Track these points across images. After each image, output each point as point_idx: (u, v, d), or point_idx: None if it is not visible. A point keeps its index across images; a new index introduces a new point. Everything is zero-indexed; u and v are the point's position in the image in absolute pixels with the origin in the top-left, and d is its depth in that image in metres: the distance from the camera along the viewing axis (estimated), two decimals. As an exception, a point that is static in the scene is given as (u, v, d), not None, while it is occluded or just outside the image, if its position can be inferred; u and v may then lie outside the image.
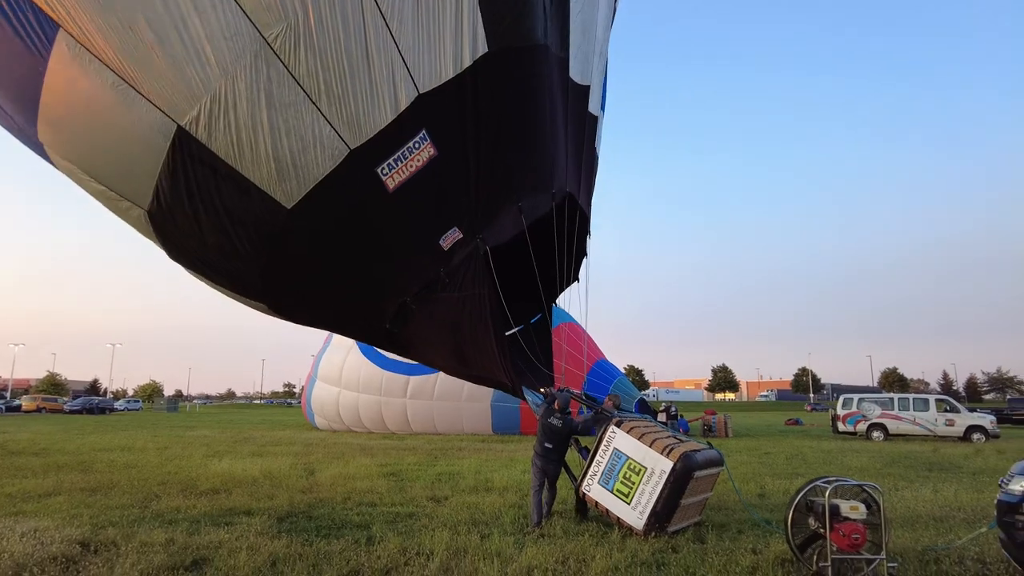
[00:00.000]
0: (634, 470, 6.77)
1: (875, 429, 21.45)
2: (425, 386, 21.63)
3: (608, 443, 7.02)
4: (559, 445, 7.50)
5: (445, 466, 12.87)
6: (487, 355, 7.32)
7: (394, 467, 12.65)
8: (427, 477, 11.18)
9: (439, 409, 21.67)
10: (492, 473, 11.60)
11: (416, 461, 13.80)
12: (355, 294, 7.07)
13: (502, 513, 7.90)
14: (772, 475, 11.60)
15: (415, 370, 21.67)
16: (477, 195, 6.76)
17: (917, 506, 8.48)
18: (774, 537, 6.55)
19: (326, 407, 24.25)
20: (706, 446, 7.26)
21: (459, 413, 21.65)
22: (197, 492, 9.37)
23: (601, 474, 6.98)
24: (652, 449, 6.74)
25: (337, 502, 8.70)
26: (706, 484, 7.20)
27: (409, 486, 10.09)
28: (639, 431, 6.98)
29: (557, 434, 7.50)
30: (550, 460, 7.47)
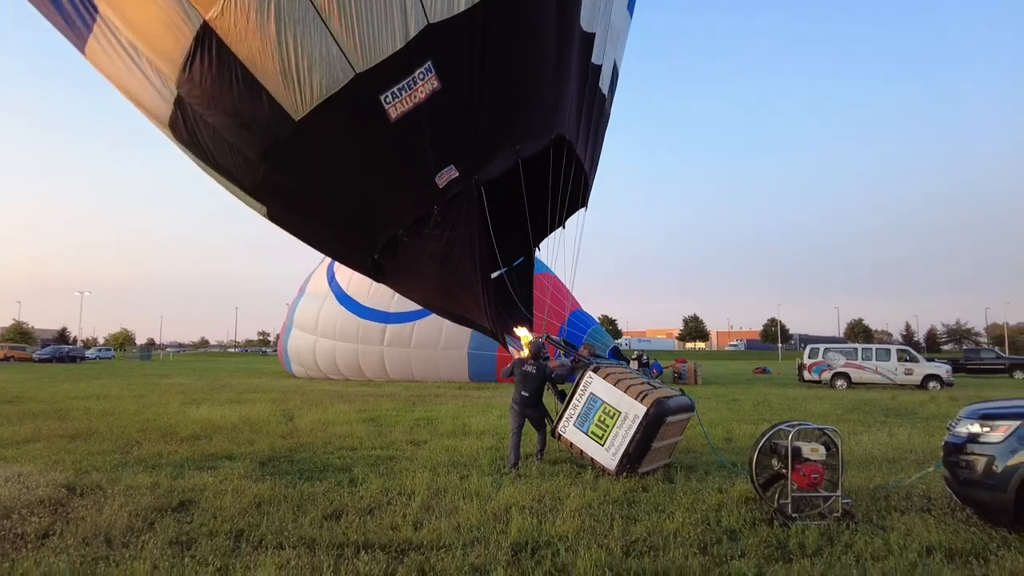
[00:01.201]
0: (609, 414, 7.04)
1: (839, 378, 22.25)
2: (402, 334, 21.81)
3: (584, 388, 7.26)
4: (535, 391, 7.75)
5: (423, 412, 13.10)
6: (471, 295, 7.48)
7: (373, 413, 12.86)
8: (406, 422, 11.42)
9: (416, 357, 21.91)
10: (469, 418, 11.87)
11: (394, 407, 14.01)
12: (346, 217, 7.27)
13: (480, 455, 8.16)
14: (739, 420, 12.08)
15: (392, 318, 21.83)
16: (477, 135, 6.79)
17: (873, 449, 8.95)
18: (739, 478, 6.90)
19: (303, 355, 24.36)
20: (678, 393, 7.53)
21: (436, 361, 21.92)
22: (177, 438, 9.48)
23: (577, 417, 7.24)
24: (627, 395, 6.99)
25: (318, 447, 8.87)
26: (677, 429, 7.51)
27: (388, 431, 10.31)
28: (615, 377, 7.22)
29: (533, 381, 7.75)
30: (527, 405, 7.73)
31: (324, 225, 7.60)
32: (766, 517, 5.49)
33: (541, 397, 7.80)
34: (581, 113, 8.15)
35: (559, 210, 8.18)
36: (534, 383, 7.72)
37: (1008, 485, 4.96)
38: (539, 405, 7.79)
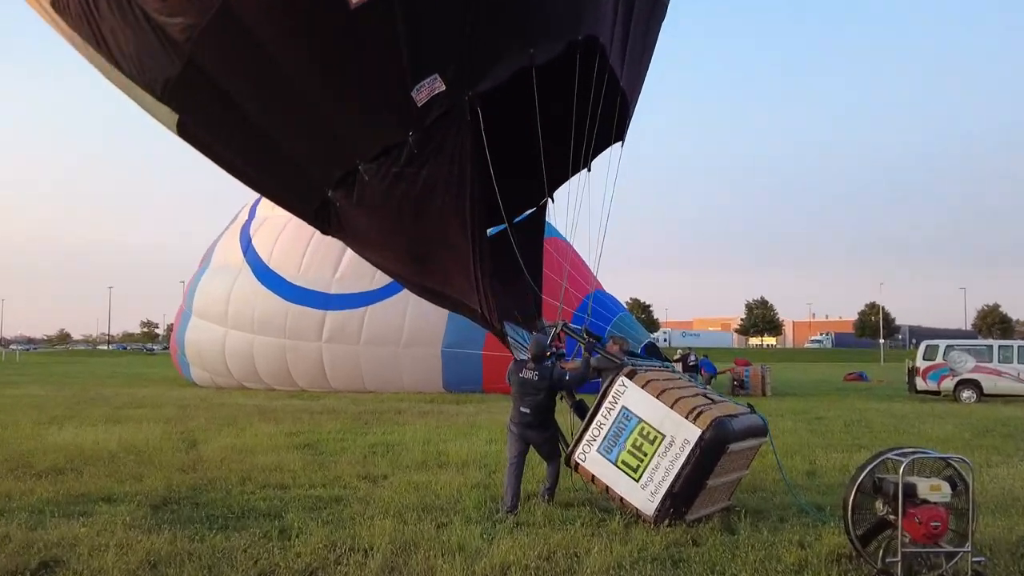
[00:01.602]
0: (647, 437, 7.10)
1: (966, 387, 22.50)
2: (349, 325, 21.94)
3: (615, 399, 7.32)
4: (540, 406, 7.73)
5: (380, 435, 13.23)
6: (457, 262, 7.53)
7: (309, 437, 12.98)
8: (356, 450, 11.52)
9: (369, 357, 22.03)
10: (446, 444, 11.97)
11: (339, 428, 14.13)
12: (286, 138, 7.36)
13: (462, 496, 8.22)
14: (826, 447, 12.21)
15: (334, 302, 22.01)
16: (473, 32, 6.79)
17: (1015, 487, 9.06)
18: (827, 526, 6.98)
19: (206, 354, 24.47)
20: (745, 409, 7.62)
21: (397, 363, 22.06)
22: (33, 473, 9.48)
23: (603, 439, 7.31)
24: (674, 410, 7.05)
25: (233, 484, 8.93)
26: (742, 460, 7.59)
27: (332, 462, 10.40)
28: (658, 385, 7.27)
29: (534, 391, 7.72)
30: (529, 425, 7.77)
31: (255, 145, 7.68)
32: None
33: (549, 414, 7.84)
34: (619, 5, 8.09)
35: (585, 143, 8.15)
36: (537, 394, 7.74)
37: None
38: (546, 425, 7.84)
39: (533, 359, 7.81)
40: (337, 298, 21.97)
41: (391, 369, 22.10)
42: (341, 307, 21.88)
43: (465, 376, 21.98)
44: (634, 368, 7.49)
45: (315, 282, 22.20)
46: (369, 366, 22.15)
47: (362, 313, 21.78)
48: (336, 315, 21.92)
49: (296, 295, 22.24)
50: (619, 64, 8.38)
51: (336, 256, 22.25)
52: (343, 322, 21.88)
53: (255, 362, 23.25)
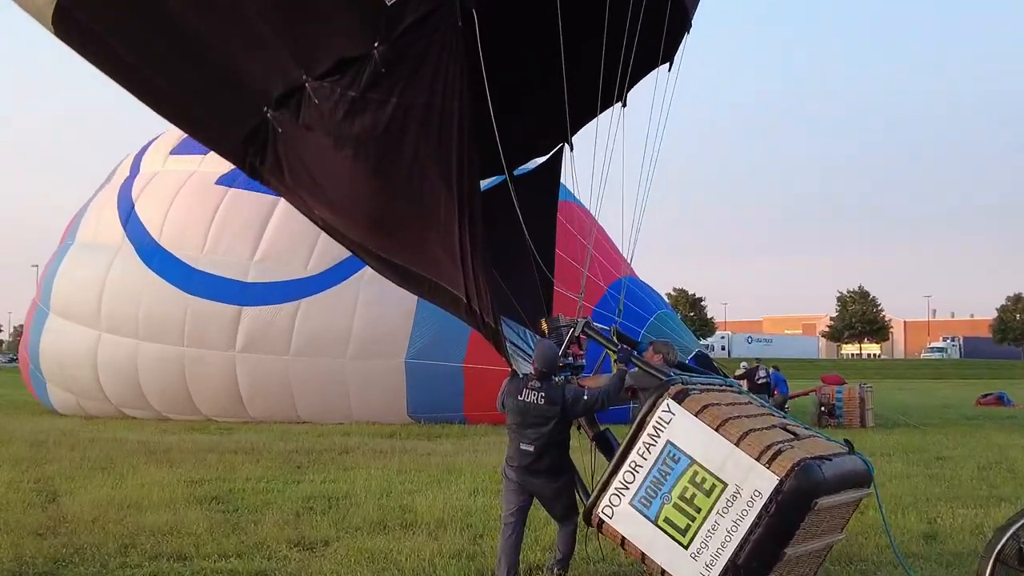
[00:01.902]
0: (702, 486, 7.03)
1: None
2: (274, 327, 21.95)
3: (658, 431, 7.21)
4: (550, 443, 7.70)
5: (320, 484, 13.30)
6: (436, 231, 7.52)
7: (218, 487, 13.03)
8: (285, 505, 11.55)
9: (303, 373, 22.12)
10: (412, 496, 12.04)
11: (261, 475, 14.18)
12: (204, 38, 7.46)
13: (436, 569, 8.29)
14: (951, 499, 12.29)
15: (253, 294, 22.00)
16: None
17: None
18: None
19: (71, 369, 24.42)
20: (842, 448, 7.56)
21: (343, 381, 22.15)
22: None
23: (639, 488, 7.20)
24: (741, 449, 6.95)
25: (110, 553, 8.93)
26: (834, 520, 7.56)
27: (251, 522, 10.41)
28: (719, 412, 7.17)
29: (541, 420, 7.68)
30: (532, 470, 7.74)
31: (170, 46, 7.69)
32: None
33: (562, 452, 7.81)
34: None
35: (623, 65, 8.13)
36: (545, 424, 7.69)
37: None
38: (558, 468, 7.80)
39: (539, 375, 7.77)
40: (257, 288, 22.03)
41: (334, 390, 22.19)
42: (263, 301, 21.94)
43: (439, 400, 22.10)
44: (685, 387, 7.37)
45: (226, 266, 22.25)
46: (303, 386, 22.23)
47: (293, 310, 21.84)
48: (256, 312, 21.96)
49: (199, 284, 22.25)
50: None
51: (256, 228, 22.37)
52: (266, 322, 21.93)
53: (140, 379, 23.24)
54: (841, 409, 25.37)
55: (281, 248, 22.11)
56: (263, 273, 22.12)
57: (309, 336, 21.80)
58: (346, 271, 21.77)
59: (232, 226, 22.53)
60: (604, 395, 7.81)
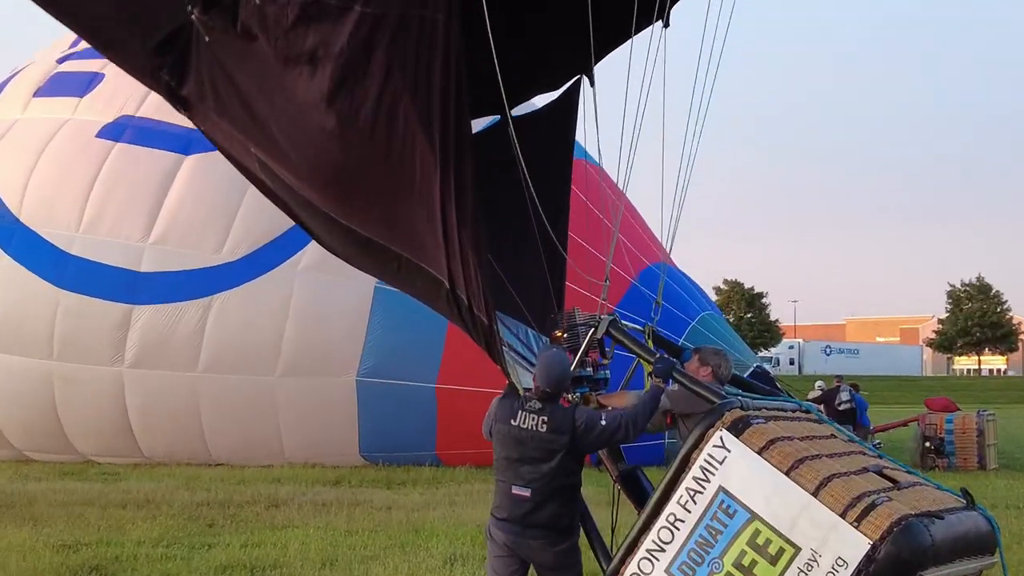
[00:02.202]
0: (766, 549, 7.09)
1: None
2: (176, 333, 22.21)
3: (707, 473, 7.33)
4: (554, 487, 7.85)
5: (239, 548, 13.64)
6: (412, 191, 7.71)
7: (99, 551, 13.39)
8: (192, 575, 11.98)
9: (216, 396, 22.50)
10: (367, 565, 12.43)
11: (160, 535, 14.53)
12: None
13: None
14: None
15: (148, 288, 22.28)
16: None
17: None
18: None
19: None
20: (958, 500, 7.75)
21: (271, 406, 22.52)
22: None
23: (681, 549, 7.31)
24: (820, 500, 7.11)
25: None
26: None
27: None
28: (790, 450, 7.30)
29: (542, 455, 7.79)
30: (532, 526, 7.87)
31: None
32: None
33: (569, 499, 7.96)
34: None
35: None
36: (548, 459, 7.78)
37: None
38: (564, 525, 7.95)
39: (542, 395, 7.82)
40: (154, 280, 22.30)
41: (259, 420, 22.49)
42: (162, 299, 22.22)
43: (403, 433, 22.45)
44: (745, 413, 7.50)
45: (112, 249, 22.42)
46: (216, 414, 22.52)
47: (202, 310, 22.15)
48: (151, 313, 22.18)
49: (74, 275, 22.40)
50: None
51: (153, 198, 22.69)
52: (164, 328, 22.15)
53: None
54: (952, 445, 25.38)
55: (187, 225, 22.36)
56: (162, 259, 22.32)
57: (224, 346, 21.97)
58: (276, 256, 22.04)
59: (120, 195, 22.70)
60: (631, 420, 7.69)
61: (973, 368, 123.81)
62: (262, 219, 21.69)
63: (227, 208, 22.26)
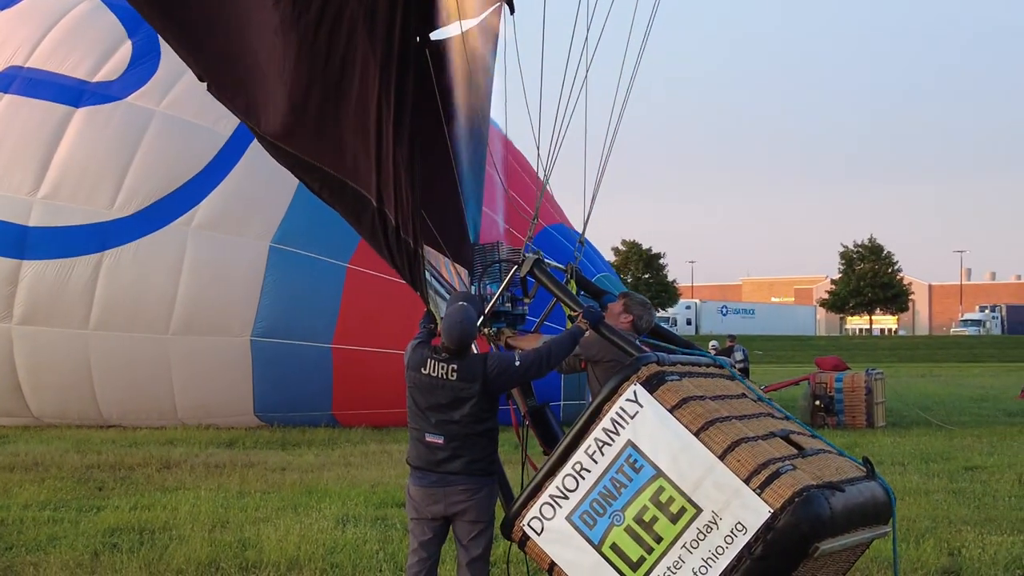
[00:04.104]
0: (668, 507, 7.02)
1: None
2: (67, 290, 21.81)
3: (618, 425, 7.22)
4: (464, 434, 7.67)
5: (128, 511, 13.27)
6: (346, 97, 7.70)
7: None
8: (80, 540, 11.55)
9: (108, 355, 22.10)
10: (258, 527, 12.14)
11: (47, 498, 14.18)
12: None
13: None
14: (980, 523, 12.66)
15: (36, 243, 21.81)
16: None
17: None
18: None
19: None
20: (860, 470, 7.75)
21: (163, 365, 22.16)
22: None
23: (584, 498, 7.20)
24: (726, 464, 7.05)
25: None
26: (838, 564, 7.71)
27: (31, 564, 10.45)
28: (702, 410, 7.19)
29: (454, 402, 7.63)
30: (448, 480, 7.67)
31: None
32: None
33: (485, 447, 7.76)
34: None
35: None
36: (460, 406, 7.61)
37: None
38: (481, 471, 7.73)
39: (448, 352, 7.68)
40: (42, 235, 21.88)
41: (151, 379, 22.17)
42: (50, 254, 21.81)
43: (299, 392, 22.24)
44: (662, 369, 7.37)
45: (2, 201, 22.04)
46: (108, 373, 22.17)
47: (92, 264, 21.73)
48: (40, 268, 21.78)
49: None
50: None
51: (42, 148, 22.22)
52: (53, 282, 21.76)
53: None
54: (842, 404, 25.59)
55: (78, 178, 22.00)
56: (52, 214, 21.95)
57: (116, 302, 21.67)
58: (170, 212, 21.82)
59: (7, 147, 22.28)
60: (546, 356, 7.74)
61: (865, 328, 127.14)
62: (156, 174, 21.96)
63: (120, 162, 21.97)
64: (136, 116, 22.23)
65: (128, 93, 22.35)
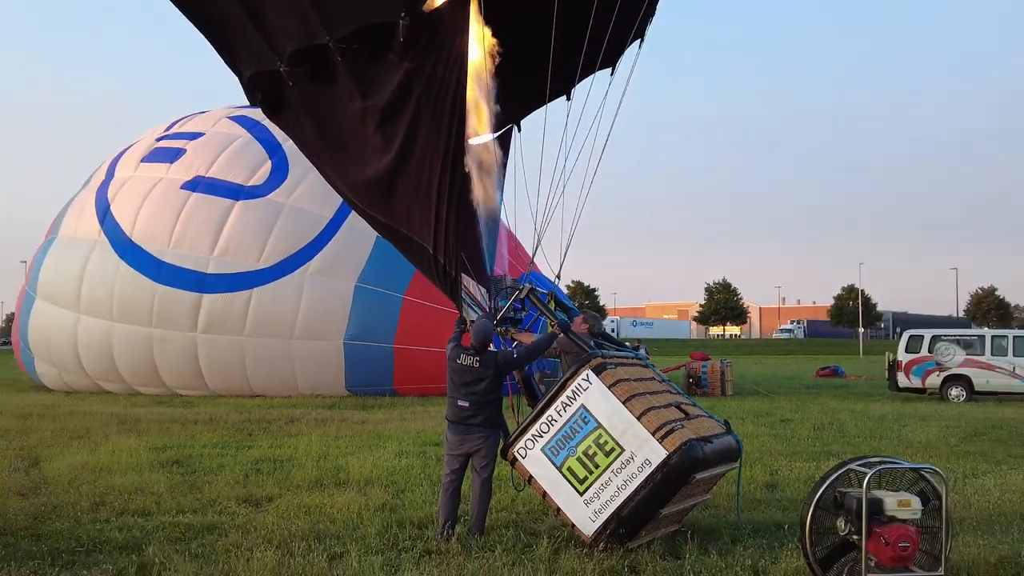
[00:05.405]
0: (603, 447, 7.11)
1: (954, 384, 23.29)
2: (230, 311, 21.68)
3: (575, 395, 7.29)
4: (483, 402, 7.65)
5: (267, 449, 13.16)
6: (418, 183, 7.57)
7: (179, 452, 12.85)
8: (236, 467, 11.41)
9: (256, 352, 21.87)
10: (346, 458, 11.94)
11: (217, 441, 14.01)
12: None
13: (363, 520, 8.26)
14: (790, 455, 12.56)
15: (212, 283, 21.71)
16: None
17: (1002, 501, 9.35)
18: (786, 547, 7.17)
19: (55, 345, 23.99)
20: (723, 429, 7.76)
21: (290, 359, 21.91)
22: None
23: (552, 438, 7.27)
24: (641, 423, 7.06)
25: (83, 510, 8.79)
26: (705, 486, 7.75)
27: (206, 482, 10.30)
28: (628, 388, 7.27)
29: (476, 381, 7.62)
30: (470, 429, 7.65)
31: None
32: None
33: (495, 409, 7.76)
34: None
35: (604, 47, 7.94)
36: (478, 383, 7.64)
37: None
38: (491, 423, 7.74)
39: (475, 347, 7.75)
40: (215, 279, 21.70)
41: (282, 366, 21.97)
42: (220, 289, 21.63)
43: (372, 375, 21.98)
44: (603, 360, 7.44)
45: (188, 258, 21.91)
46: (255, 363, 21.99)
47: (246, 297, 21.59)
48: (214, 299, 21.65)
49: (165, 274, 21.90)
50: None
51: (214, 226, 22.06)
52: (223, 307, 21.64)
53: (114, 356, 22.87)
54: (706, 380, 25.68)
55: (237, 244, 21.83)
56: (221, 265, 21.83)
57: (260, 319, 21.58)
58: (293, 265, 21.70)
59: (194, 225, 22.19)
60: (530, 352, 7.98)
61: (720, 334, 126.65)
62: (285, 242, 21.97)
63: (262, 234, 21.95)
64: (273, 206, 22.14)
65: (269, 192, 22.29)
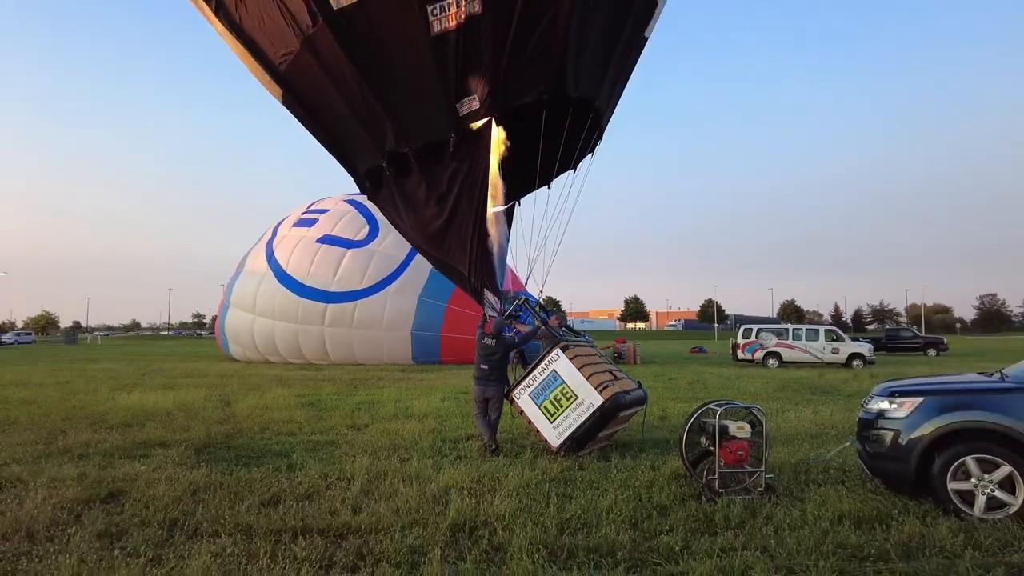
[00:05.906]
0: (566, 395, 7.15)
1: (771, 357, 23.25)
2: (343, 314, 21.58)
3: (549, 363, 7.31)
4: (496, 366, 7.64)
5: (364, 395, 13.03)
6: (460, 237, 7.42)
7: (312, 397, 12.72)
8: (346, 406, 11.34)
9: (358, 338, 21.71)
10: (412, 401, 11.88)
11: (335, 391, 13.90)
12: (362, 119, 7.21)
13: (421, 438, 8.21)
14: (674, 399, 12.52)
15: (333, 298, 21.64)
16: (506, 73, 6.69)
17: (799, 425, 9.42)
18: (671, 455, 7.19)
19: (241, 335, 23.84)
20: (636, 387, 7.69)
21: (378, 342, 21.78)
22: (107, 426, 9.15)
23: (535, 388, 7.32)
24: (588, 382, 7.09)
25: (255, 432, 8.75)
26: (625, 420, 7.72)
27: (328, 415, 10.23)
28: (581, 360, 7.27)
29: (492, 353, 7.63)
30: (488, 382, 7.63)
31: (336, 120, 7.50)
32: (695, 493, 5.77)
33: (503, 371, 7.71)
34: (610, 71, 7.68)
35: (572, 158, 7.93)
36: (494, 355, 7.62)
37: (910, 457, 5.37)
38: (500, 379, 7.68)
39: (491, 334, 7.68)
40: (335, 295, 21.58)
41: (374, 346, 21.76)
42: (339, 301, 21.53)
43: (428, 352, 21.80)
44: (567, 343, 7.43)
45: (319, 283, 21.76)
46: (359, 344, 21.80)
47: (354, 305, 21.45)
48: (335, 307, 21.53)
49: (306, 293, 21.79)
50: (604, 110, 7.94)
51: (335, 264, 21.89)
52: (339, 312, 21.51)
53: (275, 341, 22.70)
54: (625, 354, 25.57)
55: (349, 275, 21.62)
56: (339, 287, 21.59)
57: (362, 318, 21.37)
58: (381, 287, 21.45)
59: (323, 264, 21.99)
60: (526, 338, 7.95)
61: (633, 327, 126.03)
62: (376, 272, 21.61)
63: (362, 268, 21.65)
64: (369, 252, 21.91)
65: (367, 244, 22.09)
